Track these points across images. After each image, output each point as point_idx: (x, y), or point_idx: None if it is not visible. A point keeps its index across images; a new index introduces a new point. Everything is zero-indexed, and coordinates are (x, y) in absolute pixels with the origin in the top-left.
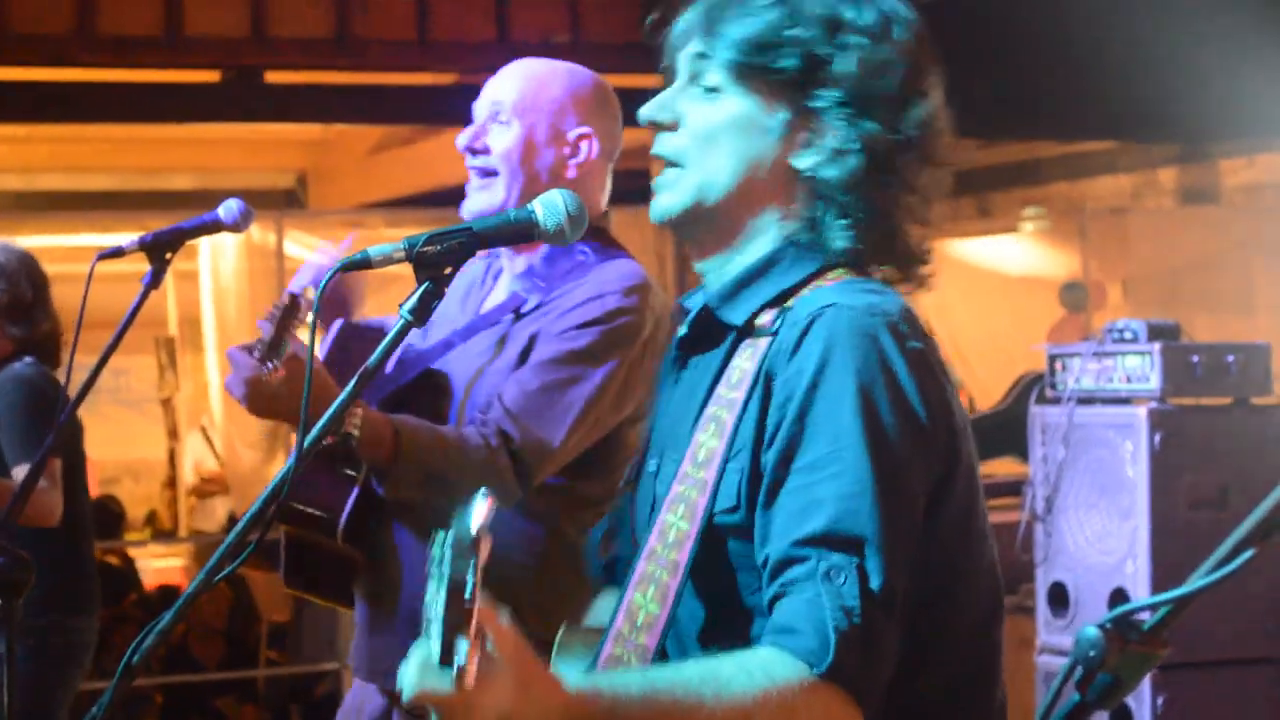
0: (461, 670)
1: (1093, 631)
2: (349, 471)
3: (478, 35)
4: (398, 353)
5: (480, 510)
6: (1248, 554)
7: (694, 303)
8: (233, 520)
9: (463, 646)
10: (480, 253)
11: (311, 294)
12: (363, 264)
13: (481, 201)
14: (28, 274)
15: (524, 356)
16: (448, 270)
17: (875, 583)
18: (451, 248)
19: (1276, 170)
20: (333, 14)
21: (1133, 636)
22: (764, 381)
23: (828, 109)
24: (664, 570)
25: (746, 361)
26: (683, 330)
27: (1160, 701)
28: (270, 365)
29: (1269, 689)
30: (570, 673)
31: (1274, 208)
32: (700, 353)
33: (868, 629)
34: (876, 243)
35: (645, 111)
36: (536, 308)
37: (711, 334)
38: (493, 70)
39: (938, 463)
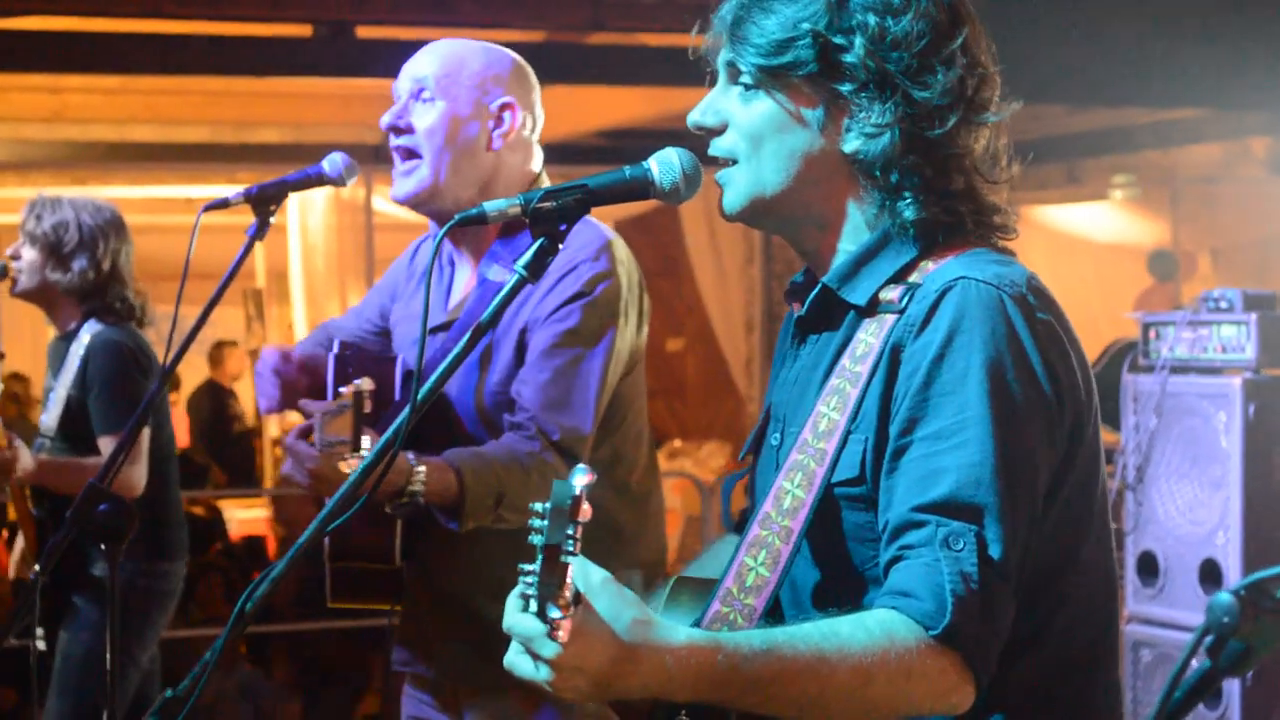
0: (555, 624)
1: (1227, 598)
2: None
3: None
4: (401, 374)
5: (580, 480)
6: None
7: (798, 282)
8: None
9: (556, 606)
10: (427, 237)
11: (369, 385)
12: (478, 219)
13: (409, 185)
14: (78, 223)
15: (519, 348)
16: (562, 227)
17: (994, 551)
18: (567, 204)
19: None
20: None
21: (1266, 604)
22: (891, 355)
23: (854, 91)
24: (777, 536)
25: (872, 336)
26: (801, 310)
27: (1249, 675)
28: (332, 452)
29: None
30: (683, 628)
31: None
32: (820, 331)
33: (985, 596)
34: (940, 206)
35: (692, 117)
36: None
37: (832, 313)
38: (581, 28)
39: (1062, 438)
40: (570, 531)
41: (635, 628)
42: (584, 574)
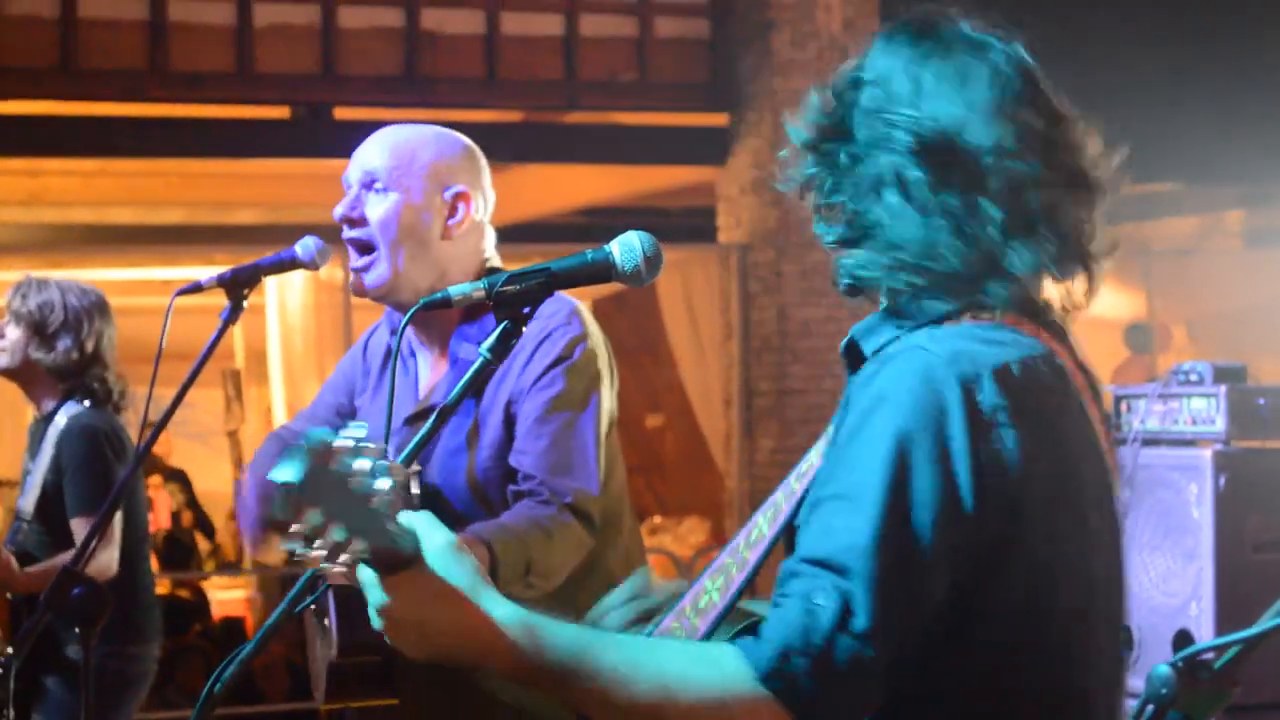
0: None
1: (1165, 670)
2: None
3: (544, 73)
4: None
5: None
6: None
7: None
8: (293, 554)
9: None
10: (382, 326)
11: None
12: (443, 303)
13: (370, 279)
14: (63, 304)
15: (507, 422)
16: (525, 310)
17: (859, 620)
18: (531, 288)
19: None
20: (401, 52)
21: (1204, 675)
22: (843, 408)
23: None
24: (735, 565)
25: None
26: (844, 361)
27: None
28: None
29: None
30: (507, 604)
31: None
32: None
33: (828, 657)
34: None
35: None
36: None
37: (854, 362)
38: (559, 108)
39: (978, 534)
40: (343, 479)
41: (463, 592)
42: (427, 534)
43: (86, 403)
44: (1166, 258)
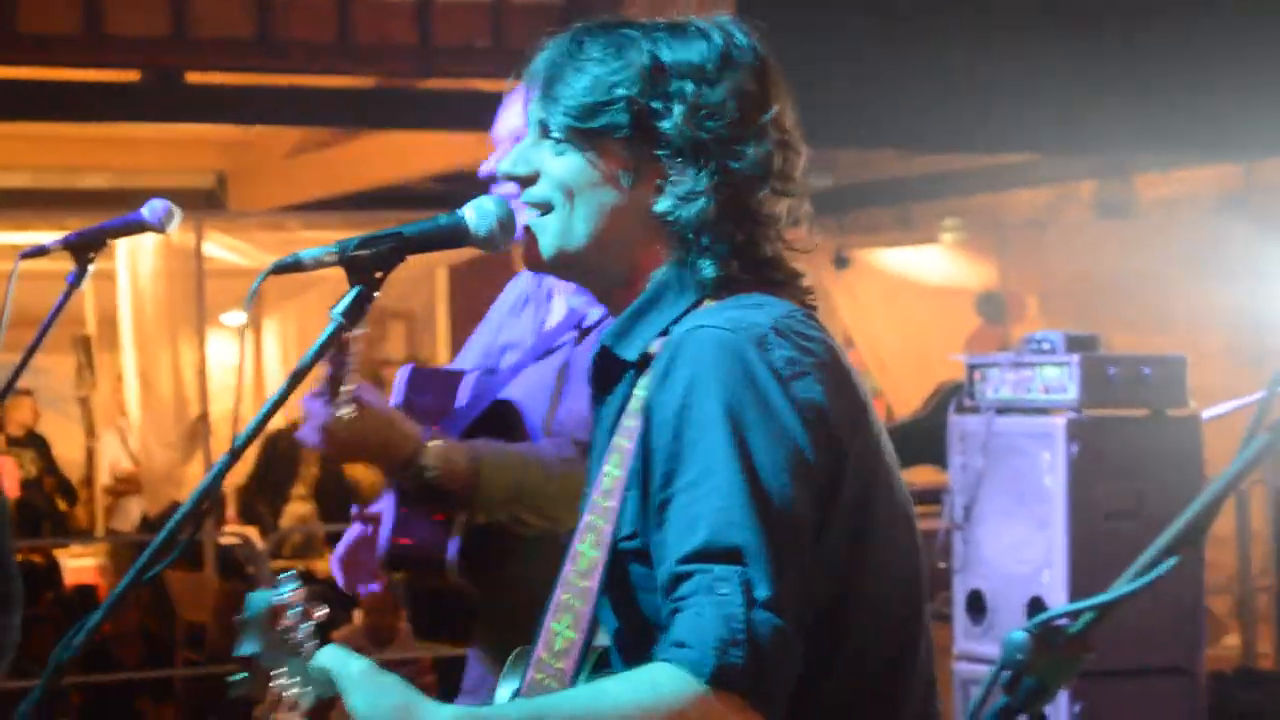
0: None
1: (1020, 636)
2: (440, 511)
3: (399, 38)
4: (470, 384)
5: (286, 587)
6: (1172, 561)
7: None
8: (145, 521)
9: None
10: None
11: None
12: (294, 267)
13: None
14: None
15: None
16: (379, 274)
17: (760, 591)
18: (383, 252)
19: (1193, 185)
20: (254, 15)
21: (1058, 641)
22: (645, 410)
23: (668, 156)
24: (577, 598)
25: (643, 390)
26: (590, 374)
27: (1077, 709)
28: (342, 409)
29: (1181, 697)
30: (446, 706)
31: (1190, 222)
32: (609, 391)
33: (753, 635)
34: (743, 269)
35: (504, 165)
36: (597, 323)
37: (614, 372)
38: (412, 74)
39: (818, 471)
40: (284, 637)
41: (395, 714)
42: (343, 666)
43: None
44: (1019, 228)
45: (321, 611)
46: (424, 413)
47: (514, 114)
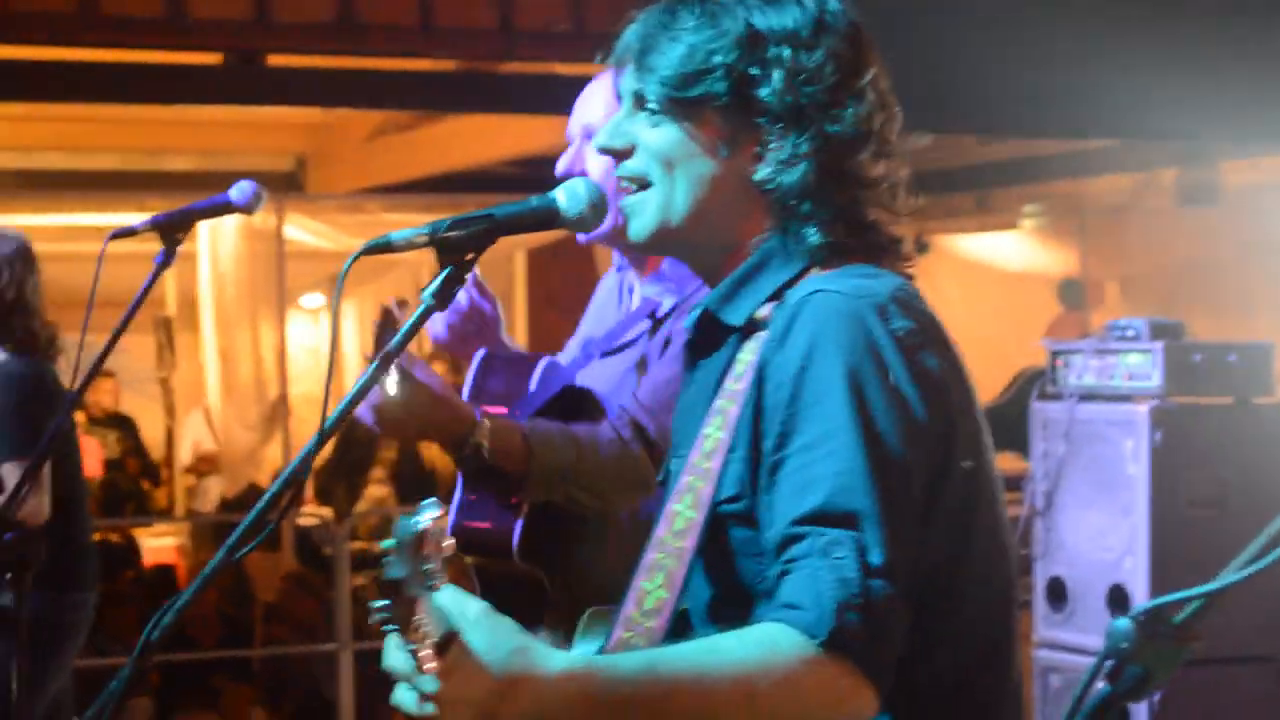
0: (421, 661)
1: (1125, 623)
2: (507, 495)
3: (479, 22)
4: (540, 370)
5: (428, 514)
6: None
7: (696, 311)
8: (224, 501)
9: (411, 642)
10: (614, 268)
11: (403, 303)
12: (384, 248)
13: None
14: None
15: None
16: (470, 256)
17: (874, 556)
18: (475, 233)
19: (1277, 172)
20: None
21: (1164, 630)
22: (759, 372)
23: (767, 123)
24: (671, 557)
25: (749, 354)
26: (688, 337)
27: (1157, 698)
28: (391, 386)
29: (1266, 687)
30: (562, 653)
31: (1274, 209)
32: (708, 355)
33: (868, 600)
34: (848, 235)
35: (599, 140)
36: (670, 312)
37: (715, 336)
38: (493, 57)
39: (934, 442)
40: (423, 567)
41: (513, 658)
42: (460, 607)
43: (11, 350)
44: (1100, 214)
45: (450, 543)
46: (494, 396)
47: (587, 109)
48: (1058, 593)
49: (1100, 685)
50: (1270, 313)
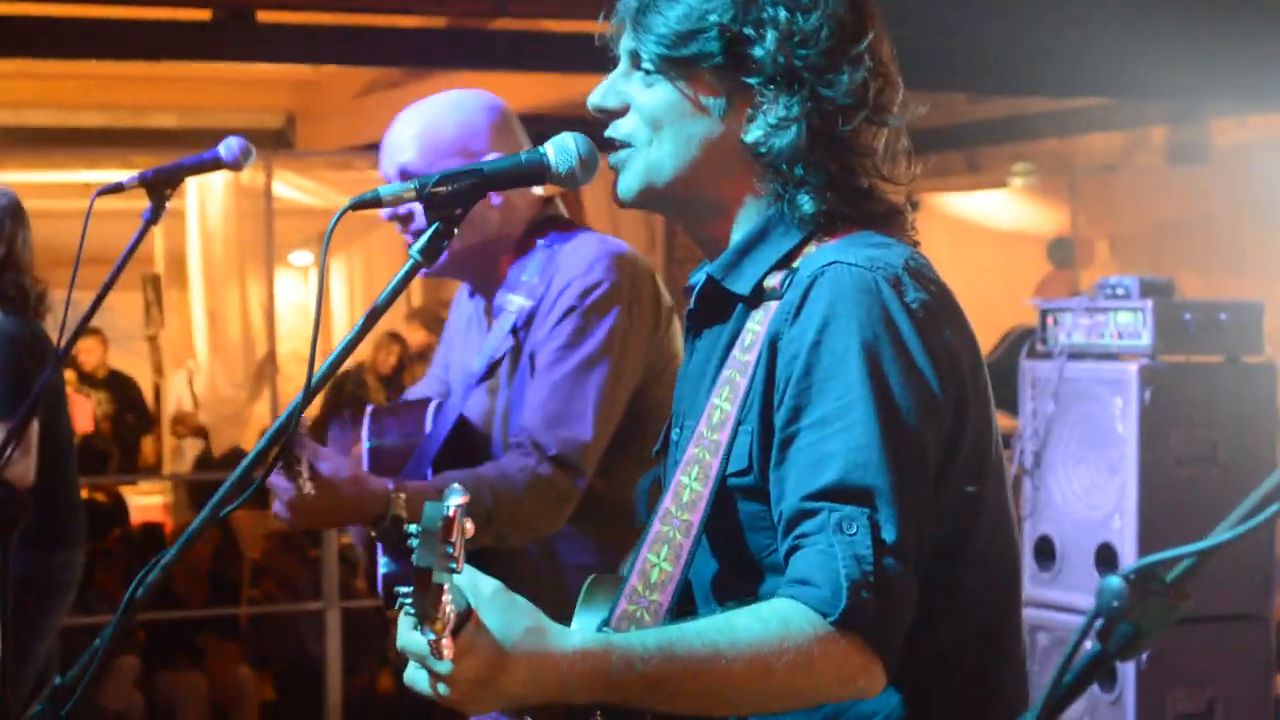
0: (435, 643)
1: (1116, 582)
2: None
3: None
4: (430, 412)
5: (453, 500)
6: (1276, 507)
7: (697, 277)
8: (209, 459)
9: (431, 629)
10: (464, 293)
11: (306, 422)
12: (373, 202)
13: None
14: None
15: (533, 375)
16: (458, 211)
17: (888, 533)
18: (463, 189)
19: (1267, 131)
20: None
21: (1156, 588)
22: (770, 343)
23: (760, 84)
24: (677, 530)
25: (758, 325)
26: (691, 304)
27: (1144, 655)
28: (303, 486)
29: (1251, 644)
30: (576, 632)
31: (1264, 168)
32: (711, 324)
33: (881, 578)
34: (843, 203)
35: (593, 99)
36: (530, 318)
37: (720, 305)
38: (483, 14)
39: (947, 416)
40: (447, 551)
41: (527, 637)
42: (474, 587)
43: (2, 308)
44: (1090, 173)
45: (471, 526)
46: (394, 450)
47: (398, 151)
48: (1046, 551)
49: (1090, 644)
50: (1260, 271)
